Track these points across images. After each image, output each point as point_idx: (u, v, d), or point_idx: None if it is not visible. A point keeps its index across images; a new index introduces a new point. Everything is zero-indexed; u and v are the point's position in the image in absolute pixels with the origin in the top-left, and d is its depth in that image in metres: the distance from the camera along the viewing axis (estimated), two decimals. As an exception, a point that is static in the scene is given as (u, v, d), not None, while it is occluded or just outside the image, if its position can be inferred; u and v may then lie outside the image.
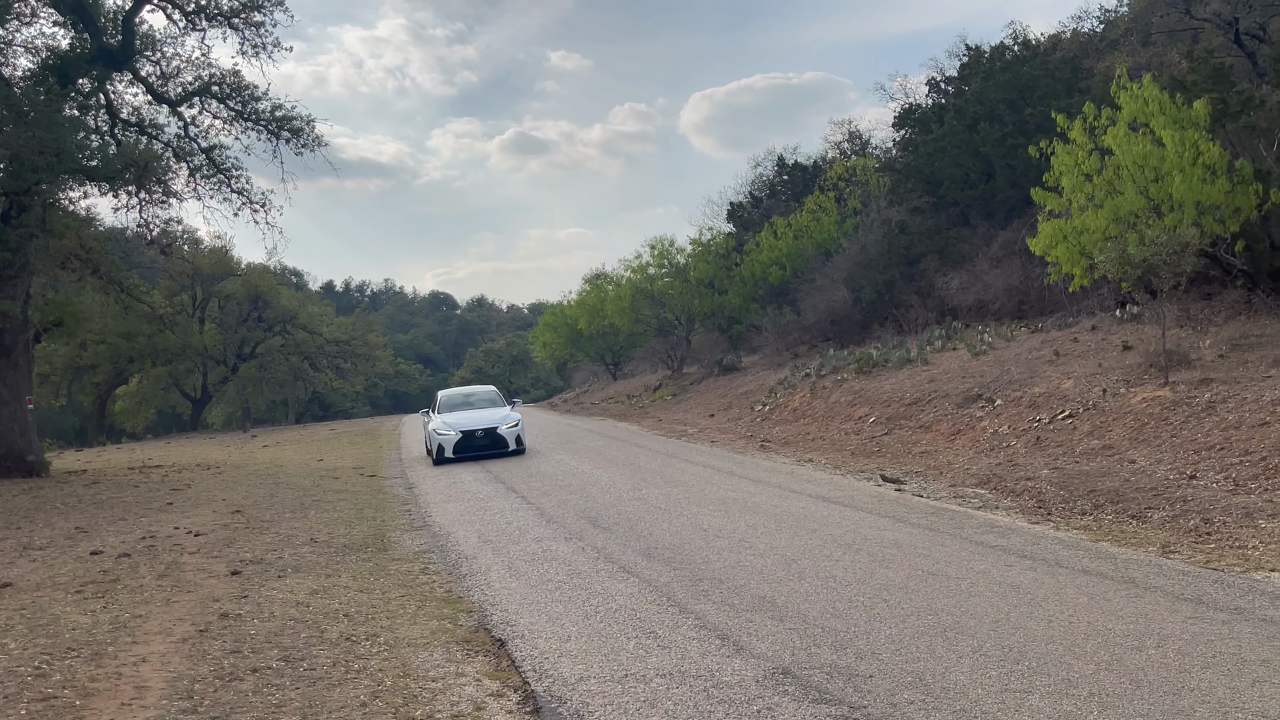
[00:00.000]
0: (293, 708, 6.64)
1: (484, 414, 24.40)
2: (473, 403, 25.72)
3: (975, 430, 19.50)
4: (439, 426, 23.54)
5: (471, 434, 23.17)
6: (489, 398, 26.30)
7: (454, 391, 27.05)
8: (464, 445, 23.06)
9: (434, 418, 24.55)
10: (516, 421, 23.98)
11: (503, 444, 23.44)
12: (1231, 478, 13.01)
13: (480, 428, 23.34)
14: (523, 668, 7.53)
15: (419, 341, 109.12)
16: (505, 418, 24.08)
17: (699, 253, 44.57)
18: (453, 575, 10.94)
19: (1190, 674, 6.60)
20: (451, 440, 23.03)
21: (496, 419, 23.93)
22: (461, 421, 23.71)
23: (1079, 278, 19.54)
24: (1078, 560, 10.12)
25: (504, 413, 24.69)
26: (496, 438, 23.39)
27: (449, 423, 23.68)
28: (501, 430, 23.49)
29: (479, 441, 23.15)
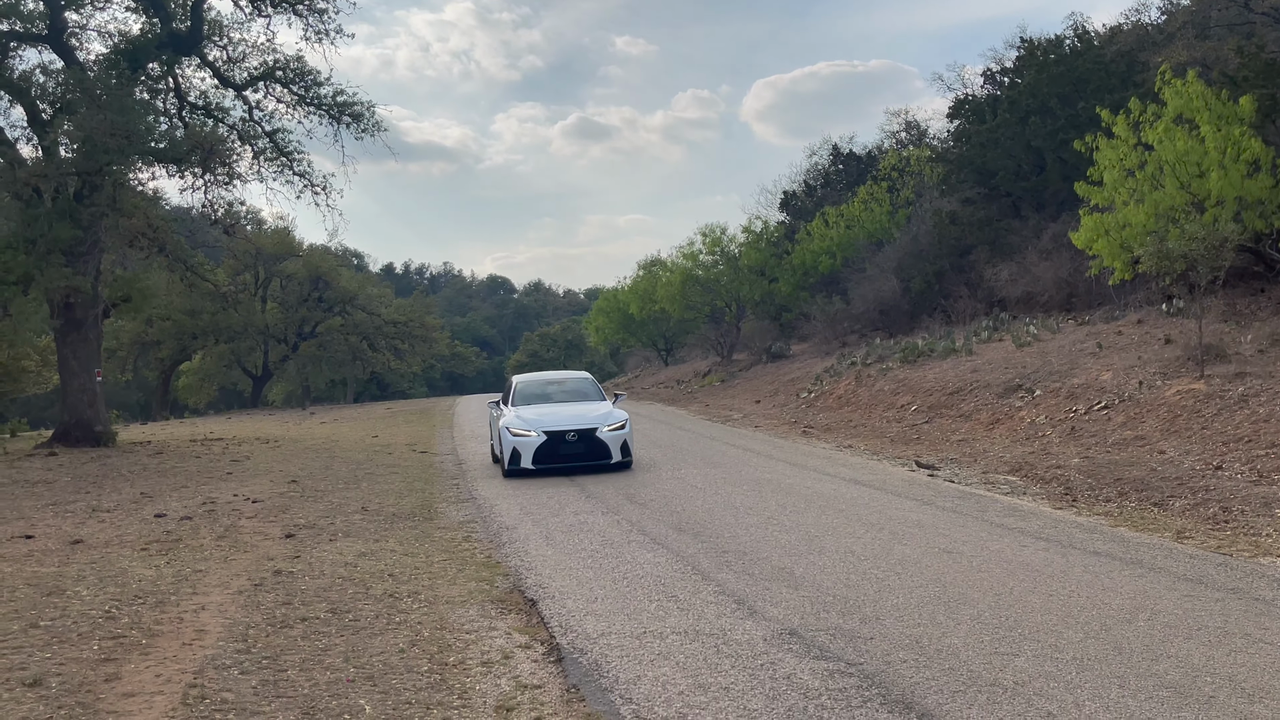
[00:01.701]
0: (337, 652, 7.24)
1: (576, 410, 18.35)
2: (559, 394, 19.77)
3: (1013, 420, 19.79)
4: (514, 423, 17.48)
5: (559, 437, 17.17)
6: (581, 388, 20.19)
7: (535, 378, 20.94)
8: (548, 452, 17.09)
9: (507, 411, 18.41)
10: (622, 422, 17.70)
11: (602, 452, 17.24)
12: (1256, 469, 13.26)
13: (572, 428, 17.28)
14: (550, 624, 8.09)
15: (476, 324, 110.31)
16: (606, 416, 17.80)
17: (750, 240, 44.91)
18: (493, 543, 11.53)
19: (1172, 644, 7.01)
20: (532, 445, 17.07)
21: (594, 417, 17.70)
22: (546, 419, 17.63)
23: (1119, 271, 19.75)
24: (1091, 543, 10.49)
25: (603, 409, 18.29)
26: (595, 444, 17.24)
27: (528, 419, 17.60)
28: (602, 433, 17.29)
29: (570, 448, 17.19)
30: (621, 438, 17.48)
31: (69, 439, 23.42)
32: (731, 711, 6.00)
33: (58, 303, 23.21)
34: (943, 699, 6.09)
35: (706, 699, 6.22)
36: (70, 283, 22.01)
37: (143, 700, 6.17)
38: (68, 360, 23.96)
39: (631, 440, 17.89)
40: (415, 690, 6.46)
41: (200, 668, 6.77)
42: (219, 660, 6.97)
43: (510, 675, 6.82)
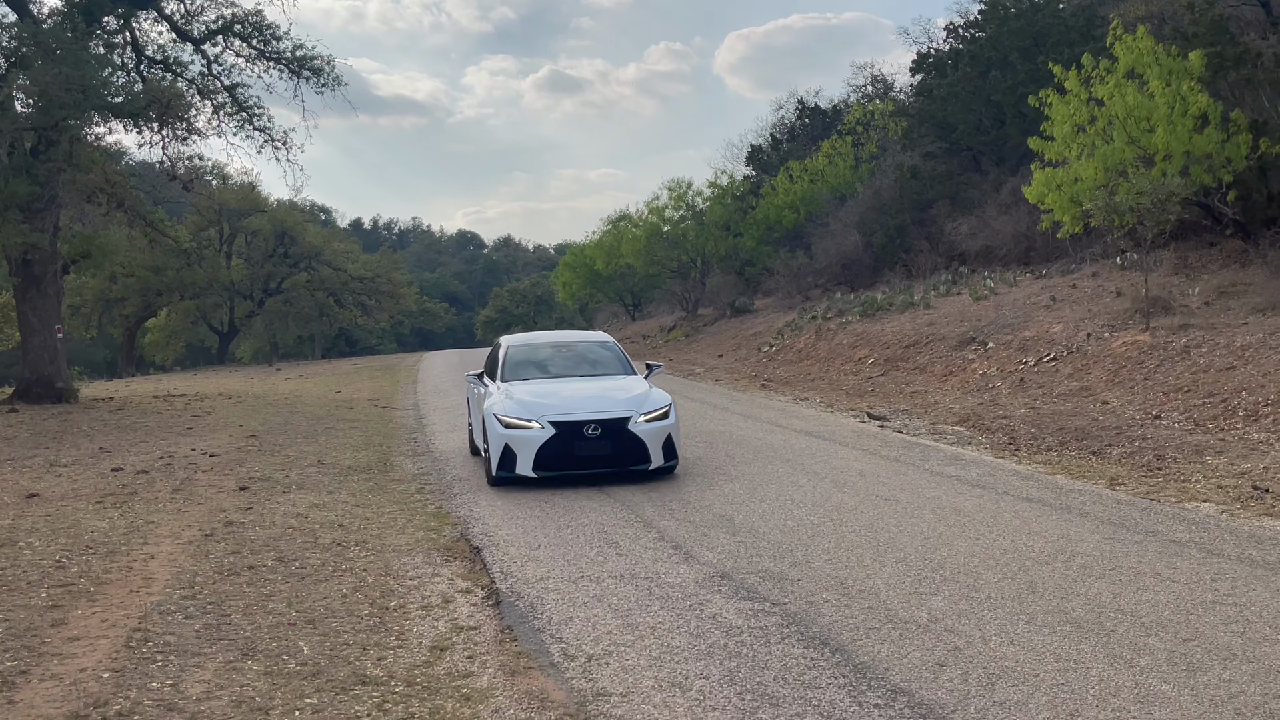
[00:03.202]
0: (280, 597, 7.46)
1: (595, 388, 12.77)
2: (568, 363, 13.87)
3: (966, 372, 20.13)
4: (506, 408, 12.11)
5: (574, 430, 11.72)
6: (597, 355, 14.18)
7: (533, 340, 14.87)
8: (558, 452, 11.71)
9: (494, 389, 13.04)
10: (665, 408, 12.20)
11: (636, 453, 11.84)
12: (1192, 418, 13.63)
13: (593, 417, 11.82)
14: (492, 570, 8.34)
15: (445, 280, 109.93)
16: (640, 399, 12.28)
17: (716, 195, 44.99)
18: (445, 494, 11.75)
19: (1084, 583, 7.32)
20: (533, 441, 11.68)
21: (623, 401, 12.21)
22: (553, 402, 12.20)
23: (1069, 225, 20.05)
24: (1026, 490, 10.82)
25: (635, 388, 12.74)
26: (626, 440, 11.79)
27: (527, 403, 12.18)
28: (637, 426, 11.85)
29: (589, 446, 11.74)
30: (664, 431, 11.83)
31: (30, 396, 23.42)
32: (655, 648, 6.26)
33: (16, 259, 23.13)
34: (857, 635, 6.37)
35: (633, 638, 6.48)
36: (28, 239, 21.92)
37: (87, 644, 6.37)
38: (27, 317, 23.91)
39: (678, 435, 12.19)
40: (354, 632, 6.69)
41: (145, 613, 6.98)
42: (164, 606, 7.17)
43: (448, 618, 7.06)
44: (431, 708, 5.46)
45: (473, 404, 14.45)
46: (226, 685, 5.68)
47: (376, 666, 6.06)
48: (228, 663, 6.04)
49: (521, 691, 5.68)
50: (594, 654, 6.22)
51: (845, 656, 6.04)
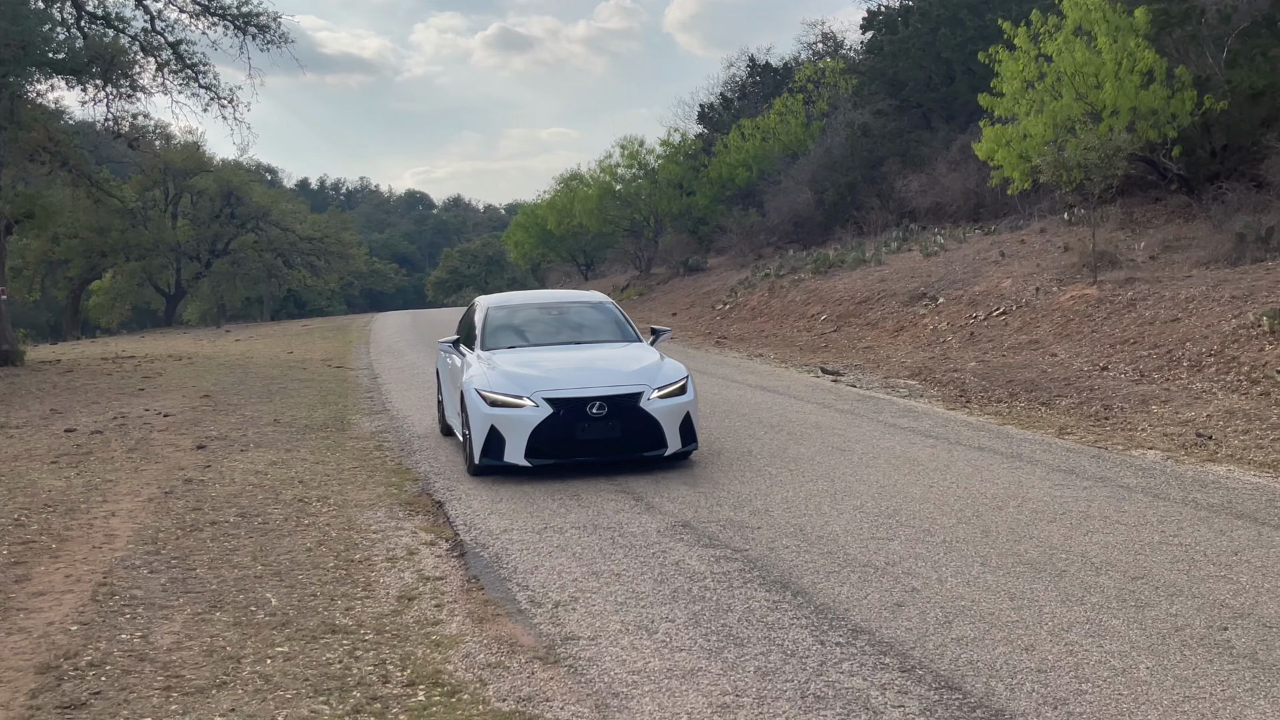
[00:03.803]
0: (245, 551, 7.49)
1: (595, 357, 10.83)
2: (561, 329, 11.87)
3: (917, 327, 20.37)
4: (492, 382, 10.14)
5: (576, 409, 9.78)
6: (594, 319, 12.12)
7: (518, 300, 12.89)
8: (557, 435, 9.79)
9: (473, 358, 11.05)
10: (681, 382, 10.30)
11: (650, 436, 9.95)
12: (1139, 369, 13.93)
13: (598, 393, 9.87)
14: (455, 523, 8.41)
15: (394, 240, 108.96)
16: (652, 371, 10.37)
17: (668, 154, 44.91)
18: (404, 451, 11.77)
19: (1036, 526, 7.53)
20: (526, 422, 9.77)
21: (632, 374, 10.28)
22: (549, 375, 10.19)
23: (1019, 181, 20.30)
24: (977, 439, 11.04)
25: (643, 357, 10.77)
26: (638, 420, 9.89)
27: (516, 375, 10.21)
28: (650, 403, 9.95)
29: (595, 428, 9.81)
30: (682, 409, 9.99)
31: (-26, 358, 23.05)
32: (620, 594, 6.38)
33: (-43, 220, 22.71)
34: (818, 579, 6.52)
35: (599, 584, 6.59)
36: (-31, 199, 21.52)
37: (53, 598, 6.37)
38: (-30, 279, 23.48)
39: (697, 413, 10.41)
40: (320, 584, 6.74)
41: (110, 568, 6.98)
42: (128, 561, 7.17)
43: (414, 569, 7.13)
44: (402, 654, 5.54)
45: (444, 377, 12.32)
46: (196, 636, 5.72)
47: (345, 616, 6.12)
48: (196, 615, 6.08)
49: (490, 637, 5.77)
50: (561, 600, 6.33)
51: (807, 599, 6.18)
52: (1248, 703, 4.61)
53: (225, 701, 4.86)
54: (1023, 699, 4.73)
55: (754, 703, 4.81)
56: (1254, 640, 5.30)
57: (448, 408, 12.21)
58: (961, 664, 5.15)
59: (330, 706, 4.83)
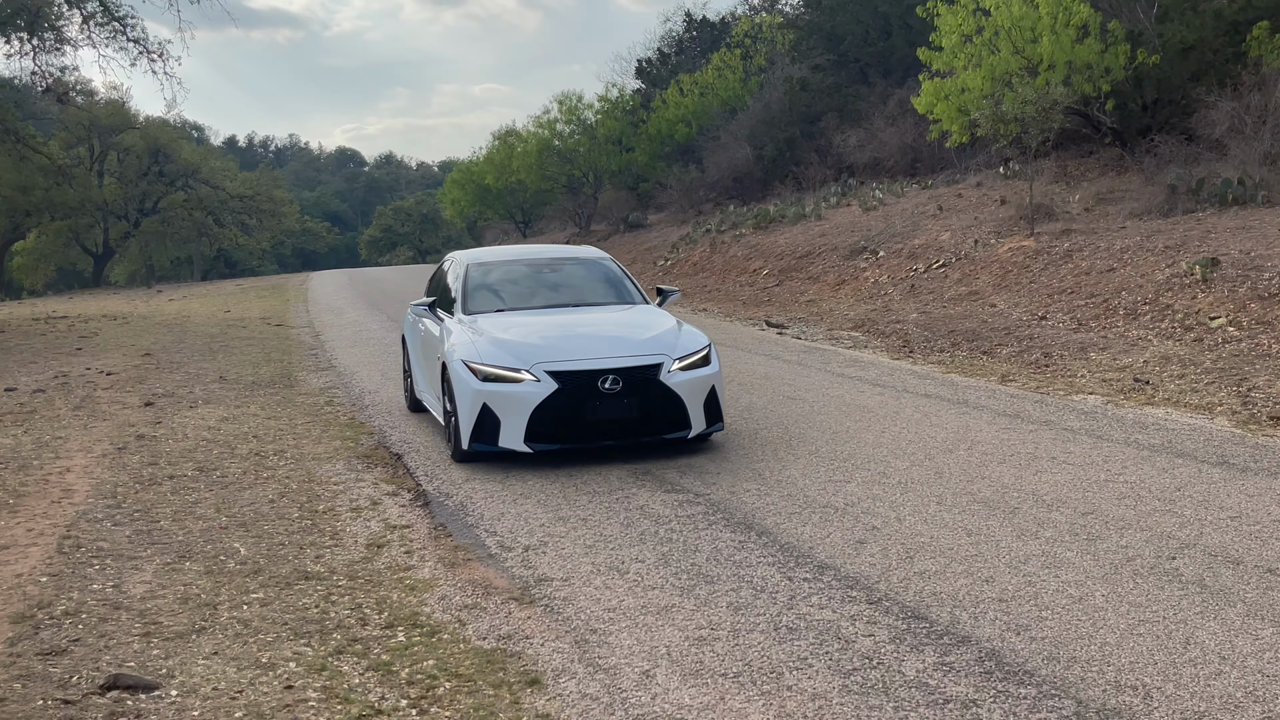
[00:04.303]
0: (207, 504, 7.48)
1: (602, 323, 9.47)
2: (556, 290, 10.39)
3: (858, 280, 20.62)
4: (483, 353, 8.62)
5: (585, 383, 8.29)
6: (592, 277, 10.64)
7: (503, 257, 11.20)
8: (563, 415, 8.30)
9: (454, 325, 9.54)
10: (702, 350, 8.91)
11: (671, 414, 8.52)
12: (1076, 318, 14.26)
13: (610, 365, 8.40)
14: (416, 474, 8.45)
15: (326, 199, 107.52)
16: (669, 339, 8.94)
17: (607, 110, 44.72)
18: (355, 406, 11.75)
19: (987, 468, 7.75)
20: (526, 401, 8.27)
21: (646, 342, 8.84)
22: (549, 344, 8.69)
23: (957, 135, 20.55)
24: (923, 387, 11.28)
25: (656, 324, 9.31)
26: (657, 396, 8.45)
27: (512, 344, 8.70)
28: (671, 376, 8.52)
29: (607, 407, 8.32)
30: (706, 383, 8.66)
31: (-99, 320, 22.49)
32: (589, 538, 6.48)
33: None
34: (780, 520, 6.68)
35: (566, 529, 6.69)
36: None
37: (18, 552, 6.33)
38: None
39: (722, 386, 8.99)
40: (288, 534, 6.76)
41: (72, 522, 6.94)
42: (90, 515, 7.13)
43: (379, 518, 7.17)
44: (377, 598, 5.60)
45: (415, 345, 10.88)
46: (169, 585, 5.73)
47: (316, 563, 6.16)
48: (166, 564, 6.08)
49: (464, 580, 5.85)
50: (530, 545, 6.42)
51: (771, 539, 6.33)
52: (1198, 624, 4.83)
53: (207, 646, 4.90)
54: (986, 626, 4.92)
55: (729, 635, 4.95)
56: (1200, 568, 5.53)
57: (419, 380, 10.69)
58: (926, 596, 5.33)
59: (312, 648, 4.89)
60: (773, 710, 4.20)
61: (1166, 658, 4.50)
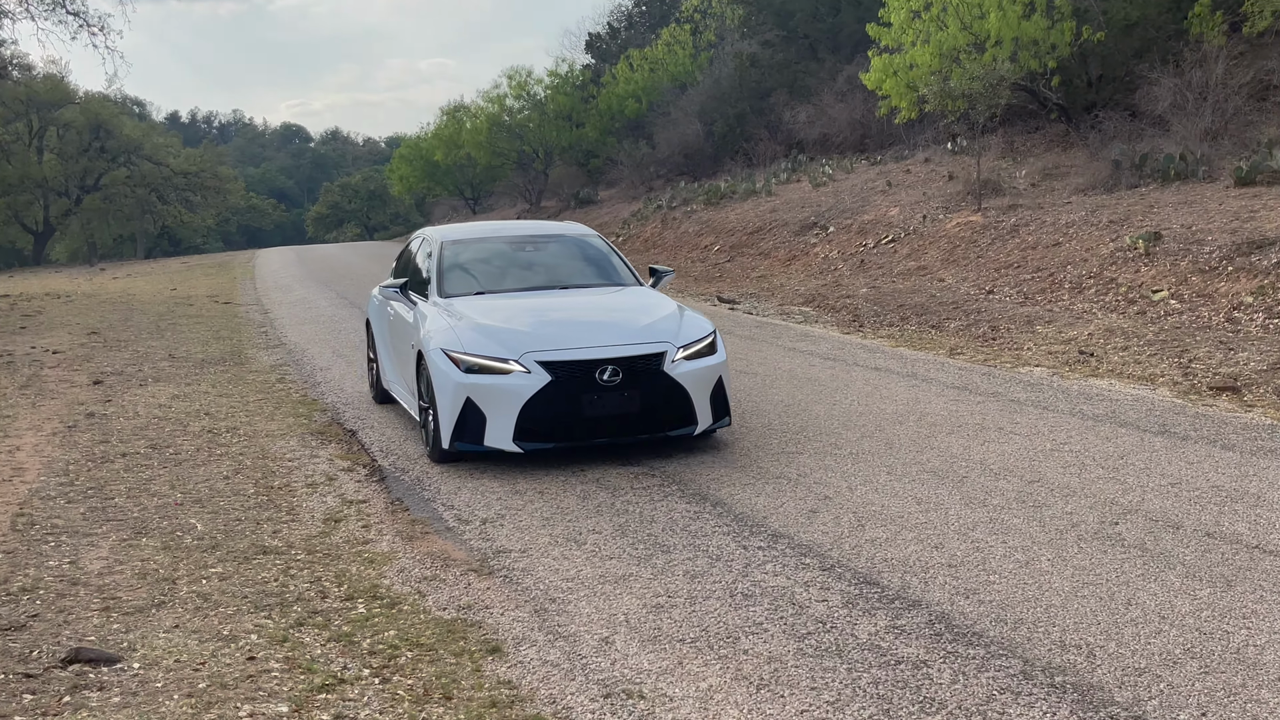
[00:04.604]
0: (161, 481, 7.45)
1: (595, 307, 8.71)
2: (540, 269, 9.48)
3: (809, 256, 20.78)
4: (466, 340, 7.75)
5: (582, 375, 7.47)
6: (579, 256, 9.71)
7: (481, 233, 10.21)
8: (558, 411, 7.45)
9: (429, 309, 8.62)
10: (707, 338, 8.03)
11: (676, 408, 7.69)
12: (1022, 292, 14.49)
13: (608, 354, 7.56)
14: (371, 449, 8.47)
15: (271, 175, 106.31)
16: (668, 324, 8.09)
17: (557, 85, 44.56)
18: (308, 383, 11.71)
19: (935, 438, 7.90)
20: (517, 395, 7.42)
21: (646, 329, 7.97)
22: (539, 330, 7.84)
23: (906, 111, 20.72)
24: (873, 360, 11.43)
25: (656, 308, 8.47)
26: (660, 389, 7.62)
27: (497, 331, 7.84)
28: (675, 366, 7.68)
29: (605, 401, 7.46)
30: (713, 374, 7.87)
31: None
32: (546, 510, 6.55)
33: None
34: (734, 491, 6.78)
35: (523, 502, 6.75)
36: None
37: (-31, 531, 6.29)
38: None
39: (729, 377, 8.17)
40: (244, 510, 6.76)
41: (24, 499, 6.89)
42: (43, 492, 7.08)
43: (336, 494, 7.19)
44: (336, 571, 5.63)
45: (383, 330, 10.04)
46: (126, 560, 5.72)
47: (274, 538, 6.18)
48: (122, 540, 6.07)
49: (422, 553, 5.89)
50: (488, 518, 6.47)
51: (725, 509, 6.43)
52: (1140, 586, 4.99)
53: (167, 619, 4.91)
54: (936, 590, 5.04)
55: (686, 602, 5.04)
56: (1142, 533, 5.70)
57: (388, 369, 9.87)
58: (877, 562, 5.45)
59: (273, 620, 4.92)
60: (729, 673, 4.29)
61: (1109, 618, 4.65)
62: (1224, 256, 12.44)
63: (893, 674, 4.22)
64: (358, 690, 4.23)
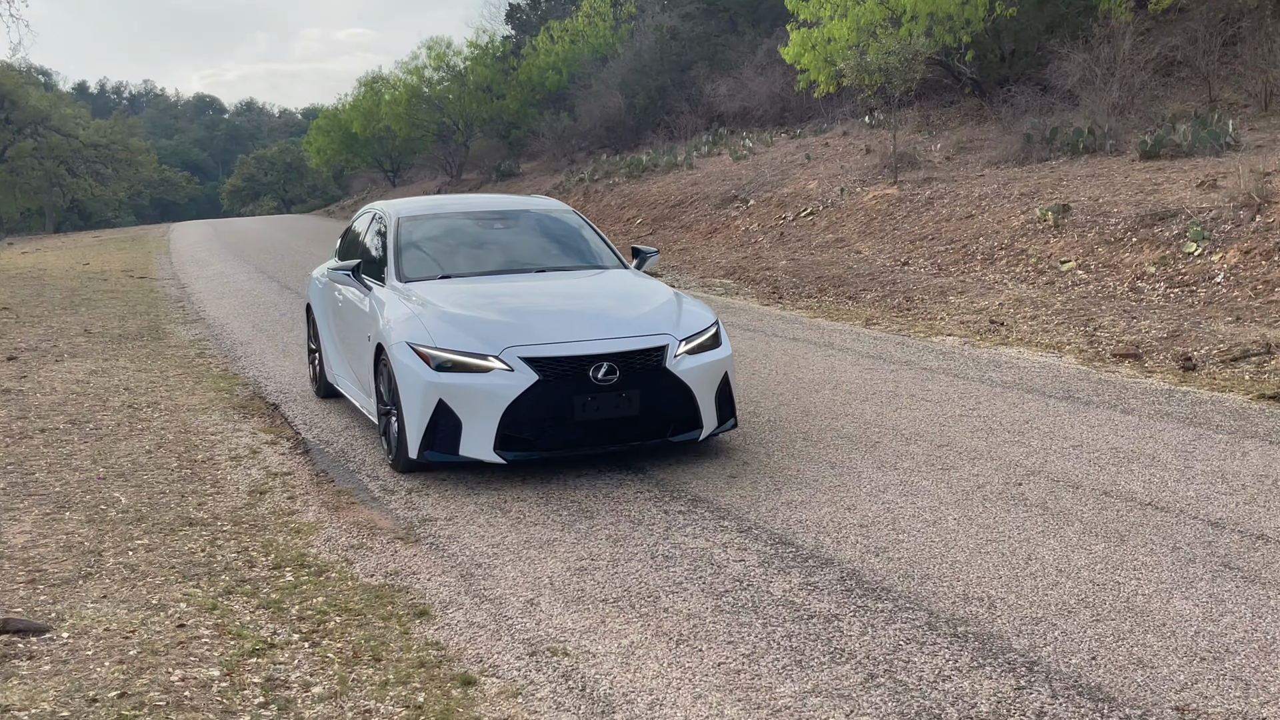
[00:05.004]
0: (83, 455, 7.42)
1: (581, 293, 7.69)
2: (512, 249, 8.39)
3: (730, 228, 21.00)
4: (435, 332, 6.74)
5: (576, 372, 6.51)
6: (555, 235, 8.69)
7: (441, 209, 8.83)
8: (545, 413, 6.48)
9: (387, 295, 7.58)
10: (710, 329, 7.11)
11: (680, 409, 6.77)
12: (936, 263, 14.84)
13: (602, 349, 6.60)
14: (294, 422, 8.49)
15: (185, 147, 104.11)
16: (666, 313, 7.15)
17: (477, 56, 44.25)
18: (228, 358, 11.65)
19: (851, 405, 8.15)
20: (500, 395, 6.43)
21: (642, 319, 7.02)
22: (520, 320, 6.86)
23: (824, 85, 21.00)
24: (791, 331, 11.68)
25: (650, 295, 7.50)
26: (663, 388, 6.69)
27: (472, 321, 6.85)
28: (678, 362, 6.77)
29: (602, 403, 6.50)
30: (718, 370, 7.00)
31: None
32: (471, 480, 6.66)
33: None
34: (653, 459, 6.95)
35: (448, 471, 6.84)
36: None
37: (-114, 507, 6.23)
38: None
39: (734, 373, 7.26)
40: (168, 483, 6.78)
41: (-59, 476, 6.83)
42: (-40, 469, 7.03)
43: (260, 466, 7.22)
44: (263, 541, 5.70)
45: (328, 317, 9.09)
46: (50, 534, 5.73)
47: (200, 510, 6.21)
48: (45, 515, 6.06)
49: (349, 522, 5.98)
50: (413, 488, 6.57)
51: (645, 475, 6.60)
52: (1040, 542, 5.25)
53: (95, 590, 4.95)
54: (848, 549, 5.26)
55: (609, 564, 5.20)
56: (1044, 493, 5.98)
57: (334, 362, 8.91)
58: (792, 523, 5.65)
59: (202, 590, 4.98)
60: (650, 630, 4.46)
61: (1010, 572, 4.90)
62: (1129, 228, 12.87)
63: (805, 628, 4.42)
64: (288, 654, 4.33)
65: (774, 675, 4.04)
